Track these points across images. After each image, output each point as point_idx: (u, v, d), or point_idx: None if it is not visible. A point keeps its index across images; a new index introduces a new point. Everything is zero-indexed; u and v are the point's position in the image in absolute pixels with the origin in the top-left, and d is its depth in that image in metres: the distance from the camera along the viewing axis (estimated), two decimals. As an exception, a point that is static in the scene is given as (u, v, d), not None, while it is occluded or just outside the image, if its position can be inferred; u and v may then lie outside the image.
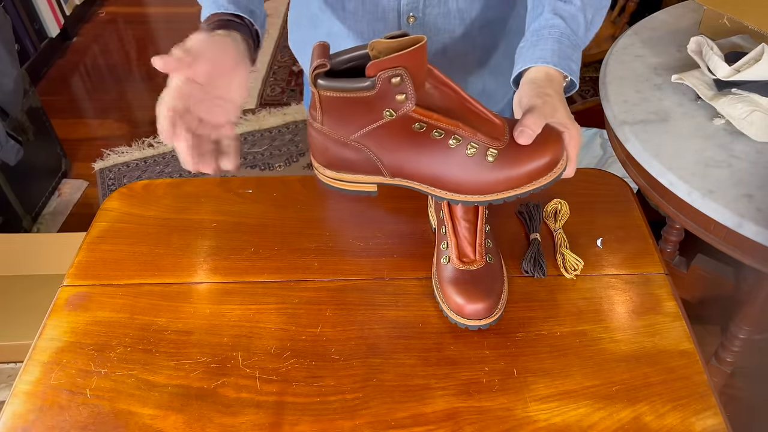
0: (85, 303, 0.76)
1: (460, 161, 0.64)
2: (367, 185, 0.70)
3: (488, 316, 0.69)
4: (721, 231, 1.00)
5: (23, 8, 2.60)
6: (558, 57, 0.70)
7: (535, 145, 0.63)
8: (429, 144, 0.64)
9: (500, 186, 0.65)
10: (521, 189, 0.65)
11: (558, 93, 0.69)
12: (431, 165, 0.65)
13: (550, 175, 0.65)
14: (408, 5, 0.84)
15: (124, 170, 2.29)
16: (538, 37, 0.72)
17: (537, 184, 0.65)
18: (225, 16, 0.72)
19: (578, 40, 0.74)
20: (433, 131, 0.63)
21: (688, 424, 0.62)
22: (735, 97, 1.07)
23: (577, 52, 0.73)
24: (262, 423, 0.64)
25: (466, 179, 0.65)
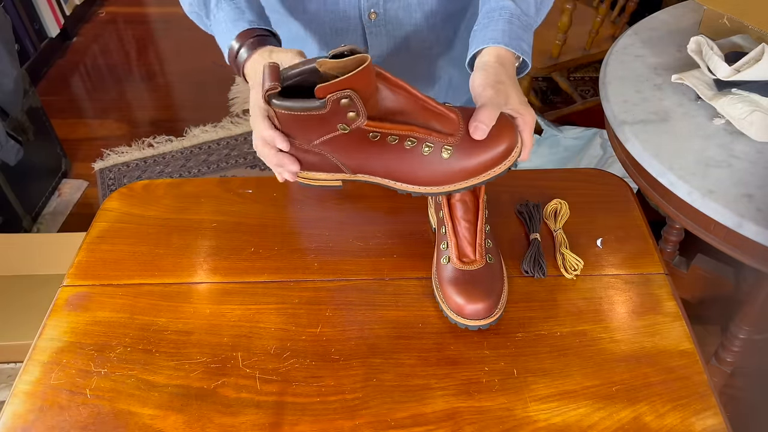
0: (85, 303, 0.76)
1: (416, 160, 0.67)
2: (332, 181, 0.74)
3: (488, 316, 0.69)
4: (721, 231, 1.00)
5: (23, 8, 2.61)
6: (509, 37, 0.71)
7: (489, 136, 0.66)
8: (386, 147, 0.68)
9: (456, 177, 0.68)
10: (478, 179, 0.68)
11: (510, 77, 0.70)
12: (389, 164, 0.69)
13: (505, 163, 0.67)
14: (368, 1, 0.85)
15: (124, 170, 2.29)
16: (488, 19, 0.74)
17: (492, 174, 0.67)
18: (256, 32, 0.74)
19: (529, 20, 0.75)
20: (388, 137, 0.67)
21: (688, 424, 0.62)
22: (735, 97, 1.07)
23: (528, 32, 0.74)
24: (262, 423, 0.64)
25: (423, 174, 0.68)
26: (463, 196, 0.74)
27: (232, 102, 2.59)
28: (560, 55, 1.89)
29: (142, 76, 2.79)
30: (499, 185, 0.89)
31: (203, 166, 2.29)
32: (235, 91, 2.64)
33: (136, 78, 2.78)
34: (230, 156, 2.34)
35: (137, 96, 2.67)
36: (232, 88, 2.66)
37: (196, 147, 2.38)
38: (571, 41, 1.90)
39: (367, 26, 0.87)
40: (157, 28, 3.14)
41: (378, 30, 0.87)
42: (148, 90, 2.70)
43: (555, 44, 1.86)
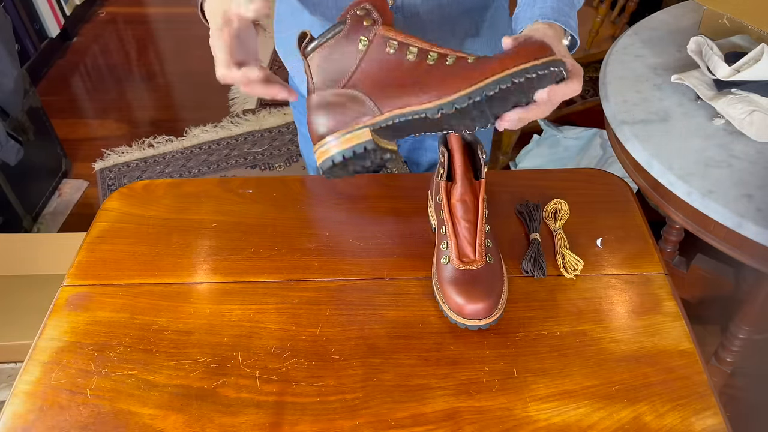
0: (86, 303, 0.76)
1: (442, 69, 0.65)
2: (361, 134, 0.68)
3: (488, 316, 0.69)
4: (721, 231, 1.00)
5: (23, 8, 2.60)
6: (558, 13, 0.70)
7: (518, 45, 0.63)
8: (409, 65, 0.66)
9: (491, 71, 0.63)
10: (516, 67, 0.62)
11: (560, 42, 0.68)
12: (417, 80, 0.66)
13: (537, 60, 0.61)
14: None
15: (124, 170, 2.29)
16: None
17: (530, 64, 0.61)
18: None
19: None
20: (407, 53, 0.66)
21: (687, 424, 0.62)
22: (735, 97, 1.07)
23: (573, 10, 0.74)
24: (262, 423, 0.64)
25: (454, 80, 0.64)
26: (463, 195, 0.74)
27: (232, 102, 2.59)
28: (560, 55, 1.89)
29: (142, 76, 2.79)
30: (499, 185, 0.89)
31: (203, 166, 2.29)
32: (235, 91, 2.64)
33: (136, 78, 2.78)
34: (230, 156, 2.34)
35: (137, 96, 2.67)
36: (232, 88, 2.66)
37: (196, 147, 2.38)
38: (571, 41, 1.89)
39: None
40: (157, 28, 3.14)
41: (394, 18, 0.87)
42: (148, 90, 2.70)
43: (555, 44, 1.86)
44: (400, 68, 0.67)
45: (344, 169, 0.71)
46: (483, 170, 0.76)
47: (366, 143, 0.67)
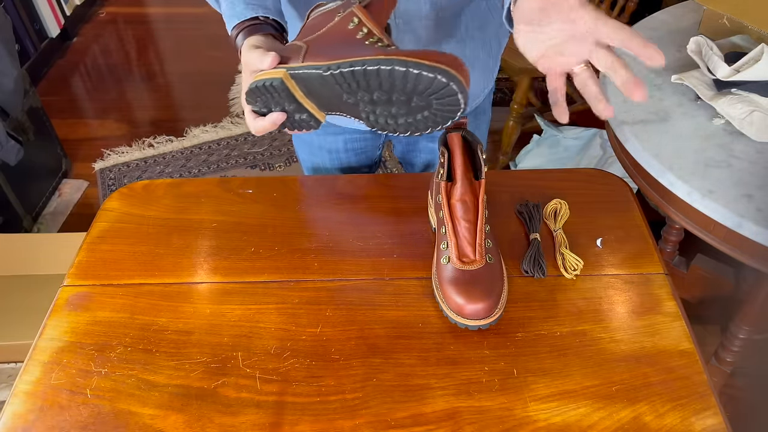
0: (86, 303, 0.76)
1: (355, 43, 0.66)
2: (275, 72, 0.68)
3: (488, 316, 0.69)
4: (721, 231, 1.00)
5: (23, 8, 2.61)
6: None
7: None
8: (344, 35, 0.68)
9: (370, 53, 0.62)
10: (382, 56, 0.61)
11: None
12: (334, 46, 0.68)
13: (420, 59, 0.59)
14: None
15: (124, 170, 2.29)
16: None
17: (395, 57, 0.60)
18: (249, 22, 0.76)
19: None
20: (358, 31, 0.67)
21: (687, 424, 0.62)
22: (735, 97, 1.07)
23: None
24: (262, 423, 0.64)
25: (352, 50, 0.65)
26: (463, 195, 0.73)
27: (232, 102, 2.59)
28: (560, 55, 1.89)
29: (142, 76, 2.79)
30: (499, 185, 0.89)
31: (203, 166, 2.29)
32: (235, 91, 2.64)
33: (136, 78, 2.78)
34: (230, 156, 2.34)
35: (137, 96, 2.67)
36: (232, 88, 2.66)
37: (196, 147, 2.38)
38: (571, 41, 1.89)
39: None
40: (157, 28, 3.14)
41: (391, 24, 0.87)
42: (148, 90, 2.70)
43: (555, 44, 1.86)
44: (339, 36, 0.68)
45: (255, 101, 0.71)
46: (483, 170, 0.76)
47: (274, 80, 0.67)
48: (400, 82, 0.60)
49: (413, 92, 0.61)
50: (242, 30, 0.76)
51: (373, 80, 0.61)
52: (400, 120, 0.65)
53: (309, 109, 0.69)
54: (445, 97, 0.60)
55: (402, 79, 0.60)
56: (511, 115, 2.05)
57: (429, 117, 0.63)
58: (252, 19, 0.76)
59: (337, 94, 0.65)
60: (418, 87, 0.60)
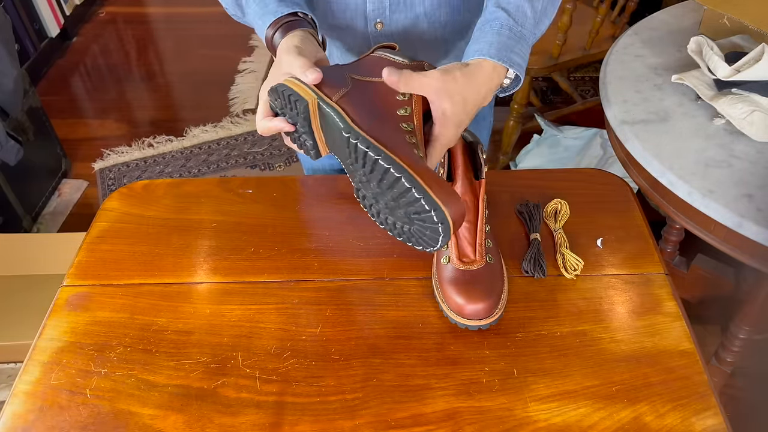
0: (85, 303, 0.75)
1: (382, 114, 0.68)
2: (306, 89, 0.68)
3: (488, 316, 0.69)
4: (721, 231, 1.00)
5: (23, 8, 2.60)
6: (496, 48, 0.68)
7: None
8: (388, 101, 0.69)
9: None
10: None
11: (471, 84, 0.66)
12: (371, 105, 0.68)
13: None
14: (375, 11, 0.84)
15: (124, 170, 2.29)
16: (479, 32, 0.71)
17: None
18: (283, 19, 0.75)
19: (524, 31, 0.71)
20: (405, 123, 0.68)
21: (688, 424, 0.62)
22: (735, 97, 1.07)
23: (521, 44, 0.70)
24: (262, 423, 0.64)
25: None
26: (463, 195, 0.73)
27: (232, 102, 2.59)
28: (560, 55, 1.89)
29: (142, 76, 2.79)
30: (499, 185, 0.89)
31: (203, 166, 2.29)
32: (235, 91, 2.64)
33: (136, 78, 2.78)
34: (230, 156, 2.34)
35: (137, 96, 2.67)
36: (232, 88, 2.66)
37: (196, 147, 2.38)
38: (571, 41, 1.89)
39: (373, 36, 0.87)
40: (157, 28, 3.14)
41: (384, 40, 0.87)
42: (148, 90, 2.70)
43: (555, 44, 1.86)
44: (384, 99, 0.67)
45: (274, 100, 0.71)
46: (483, 170, 0.76)
47: (302, 99, 0.67)
48: (398, 192, 0.61)
49: (403, 205, 0.61)
50: (279, 27, 0.74)
51: (377, 172, 0.61)
52: (382, 215, 0.66)
53: (317, 139, 0.70)
54: (427, 229, 0.61)
55: (401, 192, 0.60)
56: (511, 115, 2.05)
57: (408, 231, 0.64)
58: (289, 15, 0.74)
59: (345, 152, 0.65)
60: (410, 208, 0.61)
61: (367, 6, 0.84)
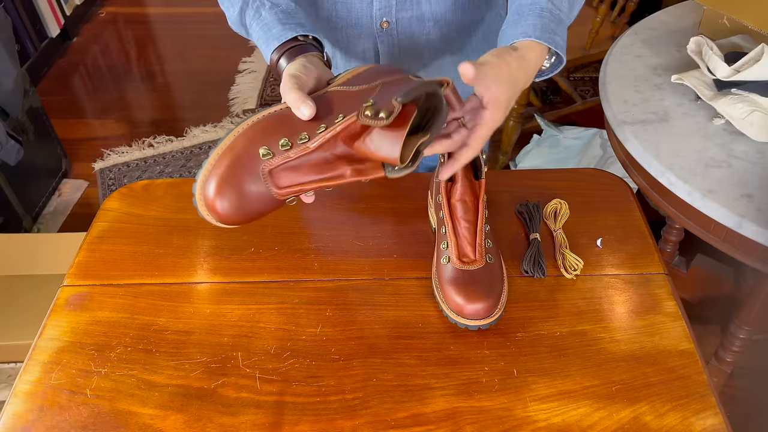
0: (85, 303, 0.76)
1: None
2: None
3: (488, 316, 0.69)
4: (721, 231, 1.00)
5: (23, 8, 2.60)
6: (540, 30, 0.68)
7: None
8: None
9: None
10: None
11: (523, 68, 0.66)
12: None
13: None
14: (381, 10, 0.84)
15: (124, 170, 2.29)
16: (518, 15, 0.71)
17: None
18: (289, 44, 0.74)
19: (562, 14, 0.72)
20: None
21: (687, 424, 0.62)
22: (735, 98, 1.07)
23: (561, 26, 0.71)
24: (262, 423, 0.64)
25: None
26: (463, 195, 0.74)
27: (232, 102, 2.59)
28: (560, 55, 1.89)
29: (142, 76, 2.79)
30: (499, 185, 0.89)
31: (203, 166, 2.29)
32: (235, 91, 2.64)
33: (136, 78, 2.78)
34: (230, 156, 2.34)
35: (137, 96, 2.67)
36: (232, 88, 2.66)
37: (196, 147, 2.38)
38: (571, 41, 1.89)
39: (379, 35, 0.87)
40: (157, 28, 3.14)
41: (390, 39, 0.87)
42: (148, 90, 2.70)
43: (555, 44, 1.86)
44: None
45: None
46: (483, 170, 0.76)
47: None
48: None
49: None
50: (284, 53, 0.73)
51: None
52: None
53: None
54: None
55: None
56: (511, 115, 2.05)
57: None
58: (293, 41, 0.73)
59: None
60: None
61: (373, 5, 0.84)
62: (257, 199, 0.66)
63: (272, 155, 0.65)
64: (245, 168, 0.65)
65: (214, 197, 0.65)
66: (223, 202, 0.65)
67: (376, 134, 0.62)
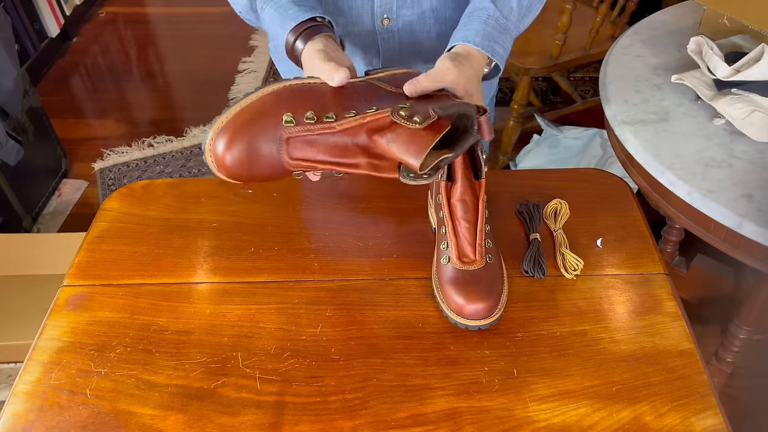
0: (85, 303, 0.76)
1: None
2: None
3: (488, 316, 0.69)
4: (721, 231, 1.00)
5: (23, 8, 2.61)
6: (481, 37, 0.71)
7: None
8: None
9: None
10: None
11: (473, 68, 0.69)
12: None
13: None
14: (382, 6, 0.85)
15: (124, 170, 2.29)
16: (467, 19, 0.74)
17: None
18: (304, 25, 0.75)
19: (509, 24, 0.74)
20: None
21: (688, 424, 0.62)
22: (735, 97, 1.07)
23: (504, 35, 0.73)
24: (262, 423, 0.64)
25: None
26: (463, 195, 0.73)
27: (232, 102, 2.59)
28: (560, 55, 1.89)
29: (142, 76, 2.79)
30: (499, 185, 0.89)
31: (203, 166, 2.29)
32: (235, 91, 2.64)
33: (136, 78, 2.78)
34: (230, 156, 2.34)
35: (137, 96, 2.67)
36: (232, 88, 2.66)
37: (196, 147, 2.38)
38: (571, 41, 1.89)
39: (380, 31, 0.87)
40: (157, 28, 3.14)
41: (390, 36, 0.88)
42: (148, 90, 2.70)
43: (555, 44, 1.86)
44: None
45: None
46: (483, 170, 0.76)
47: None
48: None
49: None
50: (301, 33, 0.74)
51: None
52: None
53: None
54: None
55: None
56: (511, 115, 2.05)
57: None
58: (309, 21, 0.74)
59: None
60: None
61: (374, 2, 0.84)
62: (267, 161, 0.66)
63: (294, 124, 0.64)
64: (265, 128, 0.64)
65: (225, 150, 0.64)
66: (232, 153, 0.64)
67: (403, 135, 0.63)
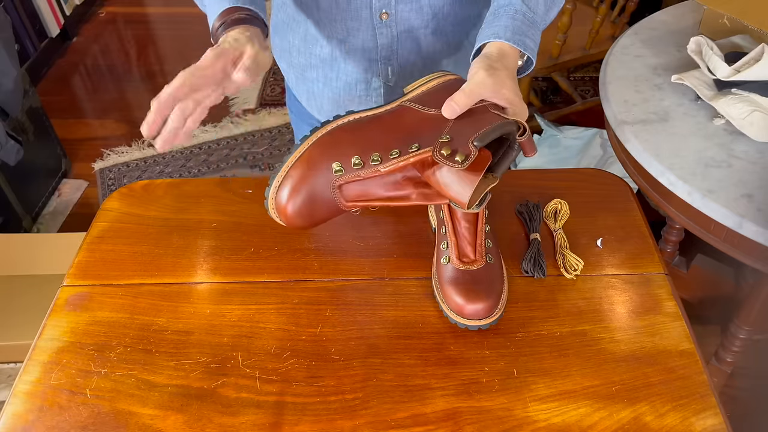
0: (85, 303, 0.76)
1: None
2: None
3: (488, 316, 0.69)
4: (721, 231, 1.00)
5: (23, 8, 2.61)
6: (511, 32, 0.71)
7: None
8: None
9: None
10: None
11: (507, 68, 0.69)
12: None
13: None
14: (381, 1, 0.85)
15: (124, 170, 2.29)
16: (494, 16, 0.73)
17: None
18: (236, 12, 0.75)
19: (536, 17, 0.74)
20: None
21: (688, 424, 0.62)
22: (735, 97, 1.07)
23: (533, 29, 0.73)
24: (262, 423, 0.64)
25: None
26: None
27: (232, 102, 2.59)
28: (560, 55, 1.89)
29: (142, 76, 2.79)
30: (499, 185, 0.89)
31: (203, 166, 2.30)
32: (235, 91, 2.64)
33: (136, 78, 2.78)
34: (230, 156, 2.34)
35: (137, 96, 2.67)
36: (232, 88, 2.66)
37: (196, 147, 2.38)
38: (571, 41, 1.90)
39: (378, 26, 0.87)
40: (157, 28, 3.14)
41: (388, 30, 0.88)
42: (148, 90, 2.70)
43: (555, 44, 1.86)
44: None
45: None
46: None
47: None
48: None
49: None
50: (226, 21, 0.75)
51: None
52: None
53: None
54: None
55: None
56: (511, 115, 2.04)
57: None
58: (243, 11, 0.75)
59: None
60: None
61: None
62: (325, 207, 0.70)
63: (344, 172, 0.68)
64: (318, 179, 0.69)
65: (287, 202, 0.69)
66: (294, 207, 0.69)
67: (447, 172, 0.65)
